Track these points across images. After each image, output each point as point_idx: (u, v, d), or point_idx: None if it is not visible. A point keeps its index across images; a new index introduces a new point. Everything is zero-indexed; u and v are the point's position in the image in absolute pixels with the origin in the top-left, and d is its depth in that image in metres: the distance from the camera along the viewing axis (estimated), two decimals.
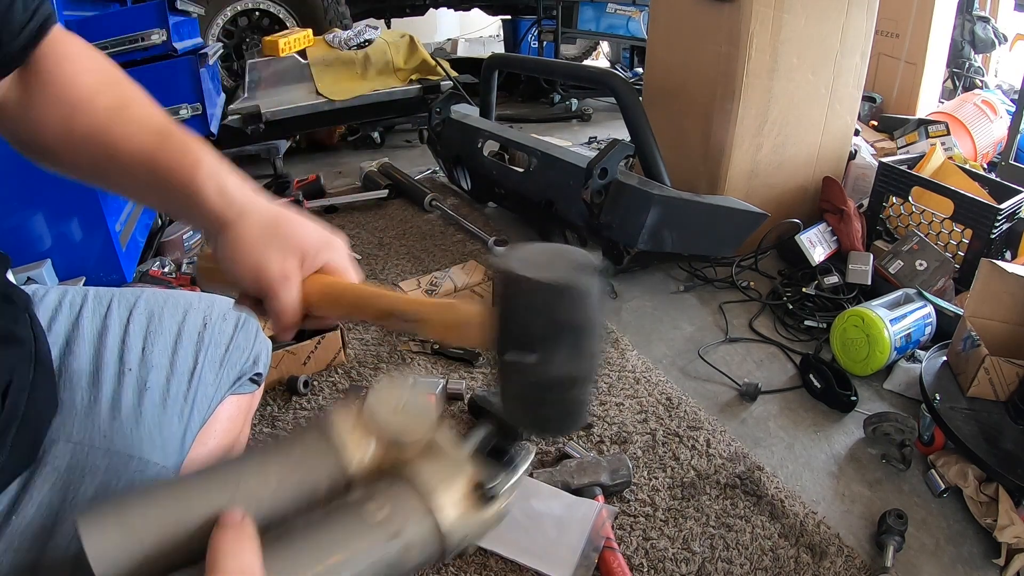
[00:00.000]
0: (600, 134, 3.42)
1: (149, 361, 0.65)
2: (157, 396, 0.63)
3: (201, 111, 1.90)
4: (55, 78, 0.53)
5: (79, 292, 0.69)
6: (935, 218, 1.80)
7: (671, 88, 2.12)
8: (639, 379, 1.50)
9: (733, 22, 1.81)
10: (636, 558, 1.06)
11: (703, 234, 1.76)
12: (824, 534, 1.10)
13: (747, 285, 1.90)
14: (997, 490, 1.12)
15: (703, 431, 1.34)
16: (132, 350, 0.65)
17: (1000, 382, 1.24)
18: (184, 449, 0.64)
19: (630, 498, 1.18)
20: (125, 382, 0.62)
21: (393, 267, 2.03)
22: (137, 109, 0.55)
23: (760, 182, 2.00)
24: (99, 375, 0.61)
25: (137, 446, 0.58)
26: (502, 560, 1.05)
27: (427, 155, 2.91)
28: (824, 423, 1.38)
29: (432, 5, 4.31)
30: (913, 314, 1.50)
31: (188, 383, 0.67)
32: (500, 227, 2.29)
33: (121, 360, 0.64)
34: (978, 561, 1.07)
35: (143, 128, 0.54)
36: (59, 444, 0.55)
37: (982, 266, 1.33)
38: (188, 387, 0.67)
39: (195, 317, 0.72)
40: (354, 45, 2.96)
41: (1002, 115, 2.58)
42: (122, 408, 0.60)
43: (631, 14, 4.28)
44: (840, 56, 1.94)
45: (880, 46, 2.70)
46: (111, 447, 0.57)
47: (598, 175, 1.67)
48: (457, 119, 2.39)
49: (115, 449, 0.57)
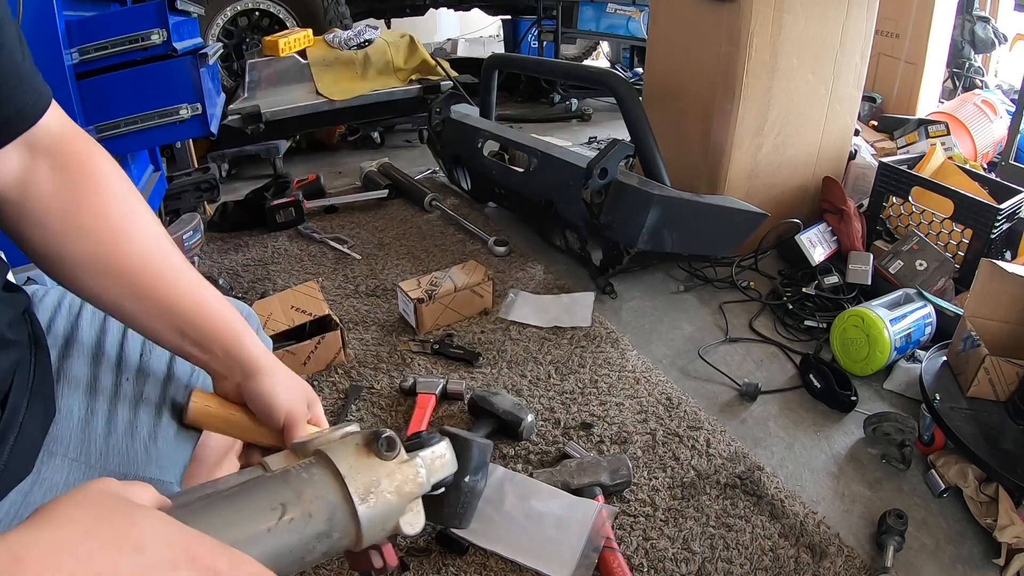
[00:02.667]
0: (600, 134, 3.42)
1: (147, 368, 0.65)
2: (153, 407, 0.63)
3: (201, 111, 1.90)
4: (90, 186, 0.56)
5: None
6: (935, 218, 1.80)
7: (671, 88, 2.12)
8: (639, 379, 1.50)
9: (733, 22, 1.81)
10: (636, 558, 1.07)
11: (703, 234, 1.76)
12: (824, 534, 1.10)
13: (747, 285, 1.90)
14: (997, 490, 1.12)
15: (703, 431, 1.34)
16: (130, 356, 0.65)
17: (1000, 382, 1.24)
18: (184, 460, 0.64)
19: (630, 498, 1.18)
20: (121, 393, 0.62)
21: (393, 267, 2.03)
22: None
23: (760, 182, 2.00)
24: (96, 384, 0.61)
25: (132, 462, 0.58)
26: (502, 560, 1.05)
27: (427, 155, 2.91)
28: (824, 423, 1.38)
29: (432, 5, 4.31)
30: (913, 314, 1.50)
31: (184, 390, 0.67)
32: (500, 227, 2.29)
33: (119, 368, 0.63)
34: (978, 561, 1.07)
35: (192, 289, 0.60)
36: (57, 459, 0.55)
37: (982, 266, 1.33)
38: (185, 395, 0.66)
39: None
40: (354, 45, 2.96)
41: (1002, 115, 2.58)
42: (118, 423, 0.60)
43: (631, 14, 4.28)
44: (840, 56, 1.94)
45: (880, 46, 2.70)
46: (106, 466, 0.57)
47: (598, 175, 1.67)
48: (457, 119, 2.39)
49: (110, 468, 0.57)
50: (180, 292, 0.59)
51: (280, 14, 3.22)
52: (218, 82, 2.74)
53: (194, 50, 1.85)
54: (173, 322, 0.58)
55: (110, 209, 0.56)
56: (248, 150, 2.85)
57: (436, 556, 1.06)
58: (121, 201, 0.57)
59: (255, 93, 2.79)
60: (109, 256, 0.55)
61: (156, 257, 0.58)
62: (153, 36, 1.72)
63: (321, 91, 2.87)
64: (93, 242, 0.54)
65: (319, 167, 3.00)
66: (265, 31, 3.18)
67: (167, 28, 1.73)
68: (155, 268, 0.58)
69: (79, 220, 0.54)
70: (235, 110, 2.70)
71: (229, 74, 3.24)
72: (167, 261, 0.59)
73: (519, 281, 1.93)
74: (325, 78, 2.89)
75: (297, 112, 2.82)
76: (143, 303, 0.57)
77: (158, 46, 1.73)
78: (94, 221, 0.55)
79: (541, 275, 1.97)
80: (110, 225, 0.55)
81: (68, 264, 0.55)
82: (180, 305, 0.58)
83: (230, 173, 2.89)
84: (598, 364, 1.55)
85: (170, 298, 0.58)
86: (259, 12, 3.20)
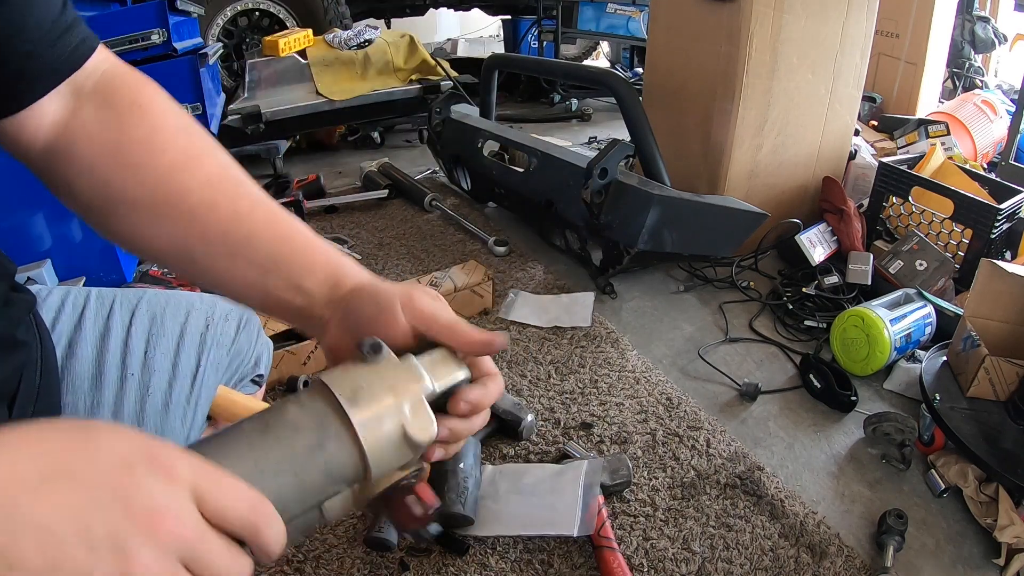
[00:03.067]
0: (600, 134, 3.42)
1: (152, 364, 0.65)
2: (159, 400, 0.63)
3: (201, 111, 1.90)
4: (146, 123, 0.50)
5: (81, 292, 0.69)
6: (935, 218, 1.80)
7: (671, 88, 2.12)
8: (639, 379, 1.50)
9: (733, 22, 1.81)
10: (636, 558, 1.07)
11: (703, 234, 1.76)
12: (824, 534, 1.10)
13: (747, 285, 1.90)
14: (997, 490, 1.12)
15: (703, 431, 1.34)
16: (135, 353, 0.65)
17: (1000, 382, 1.24)
18: None
19: (630, 498, 1.18)
20: (127, 387, 0.62)
21: (393, 267, 2.03)
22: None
23: (760, 182, 2.00)
24: (101, 379, 0.61)
25: None
26: (502, 560, 1.05)
27: (427, 155, 2.91)
28: (824, 423, 1.38)
29: (432, 5, 4.31)
30: (913, 314, 1.50)
31: (191, 386, 0.67)
32: (500, 227, 2.29)
33: (123, 364, 0.64)
34: (978, 561, 1.07)
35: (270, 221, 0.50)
36: None
37: (982, 266, 1.33)
38: (191, 390, 0.67)
39: (197, 319, 0.72)
40: (354, 45, 2.96)
41: (1002, 115, 2.58)
42: (124, 414, 0.60)
43: (631, 14, 4.28)
44: (840, 56, 1.94)
45: (880, 46, 2.70)
46: None
47: (598, 175, 1.67)
48: (457, 119, 2.39)
49: None
50: (259, 222, 0.49)
51: (280, 14, 3.22)
52: (218, 82, 2.75)
53: (194, 50, 1.86)
54: (255, 259, 0.48)
55: (166, 141, 0.49)
56: (248, 150, 2.85)
57: (436, 556, 1.06)
58: (179, 132, 0.50)
59: (255, 93, 2.78)
60: (170, 192, 0.48)
61: (226, 185, 0.49)
62: (153, 36, 1.72)
63: (321, 91, 2.87)
64: (150, 179, 0.48)
65: (319, 167, 3.00)
66: (265, 31, 3.18)
67: (167, 28, 1.74)
68: (226, 199, 0.49)
69: (131, 157, 0.48)
70: (235, 110, 2.70)
71: (229, 74, 3.24)
72: (240, 188, 0.50)
73: (519, 281, 1.93)
74: (325, 78, 2.89)
75: (297, 112, 2.82)
76: (215, 243, 0.48)
77: (158, 46, 1.73)
78: (148, 157, 0.48)
79: (541, 275, 1.97)
80: (168, 159, 0.49)
81: (123, 210, 0.48)
82: (261, 237, 0.48)
83: None
84: (598, 364, 1.55)
85: (248, 230, 0.48)
86: (259, 12, 3.20)
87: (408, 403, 0.40)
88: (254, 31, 3.23)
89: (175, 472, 0.30)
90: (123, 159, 0.48)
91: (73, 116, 0.48)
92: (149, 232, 0.48)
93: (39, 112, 0.47)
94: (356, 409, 0.38)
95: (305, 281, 0.48)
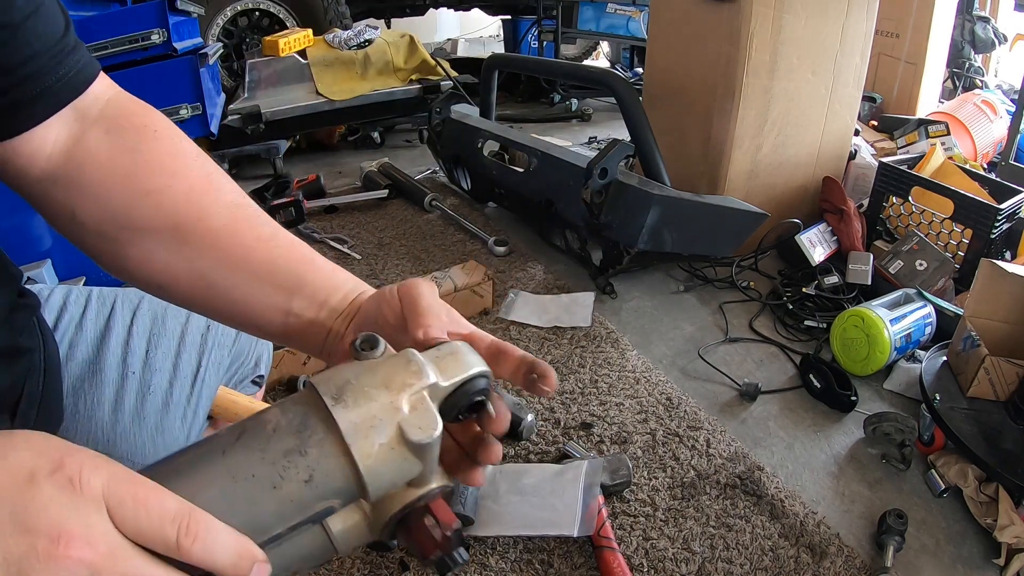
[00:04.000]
0: (600, 134, 3.41)
1: (152, 364, 0.65)
2: (160, 400, 0.63)
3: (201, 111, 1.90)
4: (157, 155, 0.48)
5: (82, 292, 0.69)
6: (935, 218, 1.80)
7: (671, 88, 2.12)
8: (639, 379, 1.50)
9: (733, 22, 1.81)
10: (636, 558, 1.07)
11: (703, 234, 1.76)
12: (824, 534, 1.10)
13: (747, 285, 1.90)
14: (997, 490, 1.12)
15: (703, 431, 1.34)
16: (135, 353, 0.65)
17: (1000, 382, 1.24)
18: None
19: (630, 498, 1.18)
20: (127, 385, 0.62)
21: (393, 267, 2.03)
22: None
23: (760, 182, 2.00)
24: (101, 377, 0.61)
25: (140, 451, 0.59)
26: (502, 560, 1.05)
27: (427, 155, 2.91)
28: (824, 423, 1.38)
29: (432, 5, 4.31)
30: (913, 314, 1.50)
31: (191, 386, 0.67)
32: (500, 227, 2.29)
33: (124, 362, 0.64)
34: (978, 561, 1.08)
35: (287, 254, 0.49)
36: None
37: (982, 266, 1.33)
38: (191, 390, 0.67)
39: (198, 319, 0.72)
40: (354, 45, 2.96)
41: (1002, 115, 2.58)
42: (124, 412, 0.60)
43: (631, 14, 4.28)
44: (840, 56, 1.94)
45: (880, 46, 2.70)
46: (112, 452, 0.57)
47: (598, 175, 1.67)
48: (457, 119, 2.39)
49: (117, 454, 0.57)
50: (282, 246, 0.48)
51: (280, 14, 3.22)
52: (218, 82, 2.75)
53: (194, 50, 1.86)
54: (281, 281, 0.47)
55: (186, 166, 0.48)
56: (248, 150, 2.85)
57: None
58: (196, 157, 0.49)
59: (255, 93, 2.78)
60: (191, 216, 0.46)
61: (247, 211, 0.48)
62: (153, 36, 1.72)
63: (321, 91, 2.87)
64: (169, 203, 0.46)
65: (319, 167, 3.00)
66: (265, 31, 3.18)
67: (167, 28, 1.74)
68: (247, 224, 0.48)
69: (146, 183, 0.46)
70: (235, 110, 2.70)
71: (229, 74, 3.24)
72: (259, 215, 0.49)
73: (519, 281, 1.93)
74: (325, 78, 2.89)
75: (297, 112, 2.82)
76: (237, 267, 0.46)
77: (158, 46, 1.73)
78: (167, 180, 0.47)
79: (541, 275, 1.97)
80: (188, 183, 0.47)
81: (139, 237, 0.46)
82: (286, 259, 0.48)
83: (230, 173, 2.86)
84: (598, 364, 1.55)
85: (272, 254, 0.47)
86: (259, 12, 3.20)
87: (406, 400, 0.35)
88: (254, 31, 3.23)
89: (84, 483, 0.26)
90: (139, 184, 0.46)
91: (78, 143, 0.47)
92: (166, 258, 0.47)
93: (39, 137, 0.45)
94: (342, 407, 0.34)
95: (332, 299, 0.47)
